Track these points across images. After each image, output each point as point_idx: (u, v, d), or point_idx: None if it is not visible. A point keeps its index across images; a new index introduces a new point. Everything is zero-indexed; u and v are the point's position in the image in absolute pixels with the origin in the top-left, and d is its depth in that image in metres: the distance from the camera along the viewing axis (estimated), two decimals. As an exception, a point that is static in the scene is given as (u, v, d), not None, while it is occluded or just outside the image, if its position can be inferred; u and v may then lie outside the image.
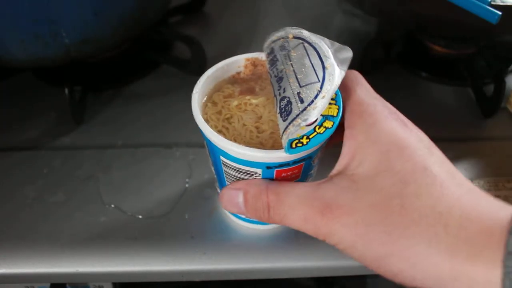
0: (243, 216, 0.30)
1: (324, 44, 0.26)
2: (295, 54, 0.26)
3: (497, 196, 0.34)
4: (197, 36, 0.45)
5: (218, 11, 0.56)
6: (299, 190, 0.23)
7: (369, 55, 0.45)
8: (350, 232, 0.22)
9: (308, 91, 0.24)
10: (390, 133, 0.23)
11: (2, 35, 0.33)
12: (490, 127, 0.41)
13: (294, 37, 0.27)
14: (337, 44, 0.26)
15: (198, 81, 0.27)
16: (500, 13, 0.30)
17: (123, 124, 0.40)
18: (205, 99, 0.28)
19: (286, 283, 0.39)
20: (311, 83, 0.25)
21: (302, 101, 0.24)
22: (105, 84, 0.44)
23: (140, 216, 0.33)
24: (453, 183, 0.21)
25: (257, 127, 0.27)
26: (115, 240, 0.32)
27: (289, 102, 0.24)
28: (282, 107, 0.25)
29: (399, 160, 0.22)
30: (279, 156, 0.24)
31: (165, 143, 0.38)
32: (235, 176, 0.27)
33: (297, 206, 0.23)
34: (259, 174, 0.26)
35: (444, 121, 0.41)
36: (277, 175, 0.26)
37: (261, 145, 0.26)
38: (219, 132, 0.26)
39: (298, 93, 0.25)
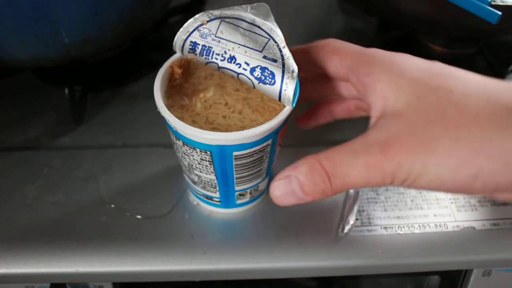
0: (216, 201, 0.31)
1: (240, 11, 0.27)
2: (224, 33, 0.27)
3: (497, 196, 0.34)
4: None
5: (218, 11, 0.56)
6: (350, 146, 0.23)
7: (369, 55, 0.45)
8: (418, 155, 0.21)
9: (270, 50, 0.26)
10: (410, 63, 0.24)
11: (2, 35, 0.33)
12: (490, 127, 0.41)
13: (209, 20, 0.27)
14: (249, 6, 0.27)
15: (156, 99, 0.27)
16: (500, 13, 0.30)
17: (123, 124, 0.40)
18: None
19: (286, 283, 0.39)
20: (265, 43, 0.26)
21: (274, 60, 0.26)
22: (105, 84, 0.44)
23: (140, 216, 0.33)
24: (490, 79, 0.22)
25: (233, 111, 0.27)
26: (115, 240, 0.32)
27: (263, 68, 0.26)
28: (258, 76, 0.26)
29: (432, 79, 0.22)
30: (276, 122, 0.25)
31: (165, 143, 0.38)
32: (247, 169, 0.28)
33: (355, 160, 0.22)
34: (268, 152, 0.27)
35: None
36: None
37: (254, 122, 0.27)
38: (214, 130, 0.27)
39: (264, 57, 0.26)
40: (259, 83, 0.26)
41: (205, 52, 0.27)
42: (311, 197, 0.24)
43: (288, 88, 0.25)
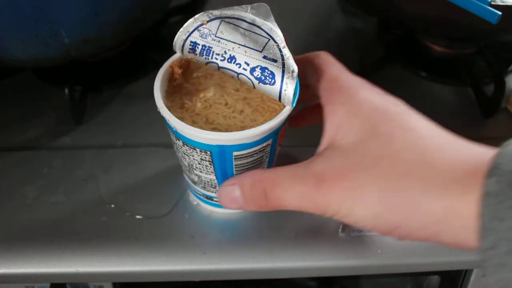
0: (216, 201, 0.31)
1: (240, 11, 0.27)
2: (224, 33, 0.27)
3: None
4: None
5: (218, 11, 0.56)
6: (292, 171, 0.24)
7: (369, 55, 0.45)
8: (346, 198, 0.22)
9: (270, 50, 0.26)
10: (369, 102, 0.24)
11: (2, 35, 0.33)
12: (490, 127, 0.41)
13: (209, 20, 0.27)
14: (249, 6, 0.27)
15: (156, 100, 0.27)
16: (500, 13, 0.30)
17: (123, 124, 0.40)
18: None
19: (286, 283, 0.39)
20: (265, 43, 0.26)
21: (274, 60, 0.26)
22: (105, 84, 0.44)
23: (140, 216, 0.33)
24: (436, 135, 0.23)
25: (233, 111, 0.27)
26: (115, 240, 0.32)
27: (263, 68, 0.26)
28: (258, 76, 0.26)
29: (382, 123, 0.23)
30: (271, 125, 0.25)
31: (165, 143, 0.38)
32: (245, 166, 0.28)
33: (292, 186, 0.24)
34: (267, 153, 0.27)
35: (444, 121, 0.41)
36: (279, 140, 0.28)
37: (254, 122, 0.27)
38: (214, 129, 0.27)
39: (264, 57, 0.26)
40: (259, 83, 0.26)
41: (205, 52, 0.27)
42: (249, 208, 0.26)
43: (288, 88, 0.25)
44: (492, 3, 0.31)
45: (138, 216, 0.33)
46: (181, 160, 0.29)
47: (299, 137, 0.36)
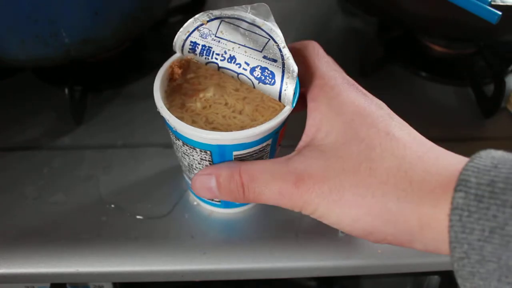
0: (216, 201, 0.31)
1: (240, 11, 0.27)
2: (224, 33, 0.27)
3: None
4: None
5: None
6: (271, 166, 0.24)
7: (369, 55, 0.45)
8: (324, 200, 0.23)
9: (270, 50, 0.26)
10: (352, 103, 0.24)
11: (2, 35, 0.33)
12: (490, 127, 0.41)
13: (209, 20, 0.27)
14: (249, 6, 0.27)
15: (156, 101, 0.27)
16: (500, 13, 0.30)
17: (123, 124, 0.40)
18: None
19: (286, 283, 0.39)
20: (265, 43, 0.26)
21: (274, 60, 0.26)
22: (105, 84, 0.44)
23: (140, 216, 0.33)
24: (414, 143, 0.23)
25: (233, 111, 0.27)
26: (115, 240, 0.32)
27: (263, 68, 0.26)
28: (258, 76, 0.26)
29: (363, 127, 0.23)
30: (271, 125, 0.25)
31: (165, 143, 0.38)
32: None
33: (271, 182, 0.24)
34: (267, 152, 0.27)
35: (444, 121, 0.41)
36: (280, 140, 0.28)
37: (254, 122, 0.27)
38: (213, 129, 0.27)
39: (264, 57, 0.26)
40: (259, 83, 0.26)
41: (205, 52, 0.27)
42: (224, 198, 0.26)
43: (288, 88, 0.25)
44: (492, 3, 0.31)
45: (138, 216, 0.33)
46: (181, 160, 0.29)
47: (299, 137, 0.36)
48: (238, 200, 0.25)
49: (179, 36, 0.27)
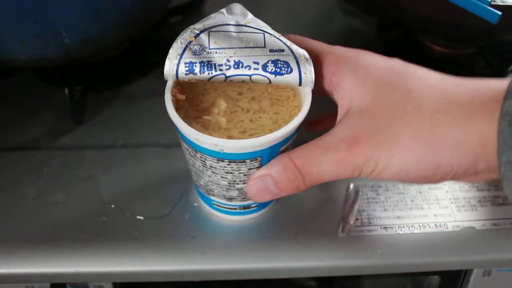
0: (234, 209, 0.31)
1: (219, 17, 0.27)
2: (218, 42, 0.26)
3: (497, 196, 0.34)
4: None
5: (218, 11, 0.56)
6: (318, 143, 0.24)
7: (369, 55, 0.45)
8: (383, 151, 0.23)
9: (272, 43, 0.26)
10: (373, 62, 0.25)
11: (2, 35, 0.33)
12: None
13: (196, 36, 0.26)
14: (224, 9, 0.27)
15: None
16: (500, 13, 0.30)
17: (123, 124, 0.40)
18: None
19: (286, 283, 0.39)
20: (263, 38, 0.26)
21: (282, 50, 0.26)
22: (105, 84, 0.44)
23: (140, 216, 0.33)
24: (447, 78, 0.24)
25: (254, 112, 0.27)
26: (115, 240, 0.32)
27: (275, 61, 0.26)
28: (272, 71, 0.26)
29: (394, 79, 0.24)
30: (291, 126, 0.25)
31: (165, 143, 0.38)
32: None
33: (325, 156, 0.24)
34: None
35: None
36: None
37: (278, 114, 0.27)
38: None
39: (270, 50, 0.26)
40: (275, 76, 0.25)
41: (205, 68, 0.25)
42: (286, 193, 0.26)
43: (307, 70, 0.25)
44: (492, 3, 0.31)
45: (138, 216, 0.33)
46: (218, 182, 0.28)
47: (299, 137, 0.36)
48: (300, 188, 0.25)
49: (170, 63, 0.25)
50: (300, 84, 0.26)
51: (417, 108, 0.23)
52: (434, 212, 0.33)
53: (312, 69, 0.25)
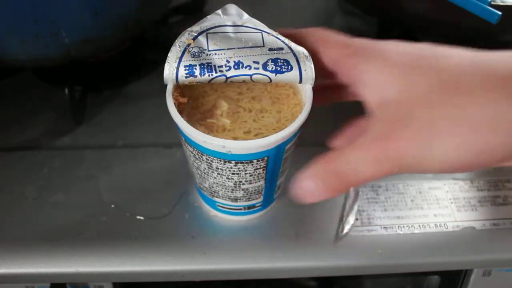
0: (238, 210, 0.31)
1: (215, 19, 0.27)
2: (217, 43, 0.26)
3: (497, 196, 0.34)
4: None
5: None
6: (355, 144, 0.23)
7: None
8: (421, 141, 0.21)
9: (270, 41, 0.26)
10: (393, 50, 0.24)
11: (2, 35, 0.33)
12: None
13: (194, 38, 0.26)
14: (219, 10, 0.27)
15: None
16: (500, 13, 0.30)
17: (123, 124, 0.40)
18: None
19: (286, 283, 0.39)
20: (261, 37, 0.26)
21: (281, 48, 0.26)
22: (105, 84, 0.44)
23: (140, 216, 0.33)
24: (479, 54, 0.22)
25: (256, 112, 0.27)
26: (115, 240, 0.32)
27: (275, 60, 0.25)
28: (273, 69, 0.25)
29: (419, 60, 0.23)
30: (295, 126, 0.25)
31: (165, 143, 0.38)
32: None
33: (363, 156, 0.22)
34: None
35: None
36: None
37: (280, 113, 0.27)
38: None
39: (270, 49, 0.26)
40: (276, 75, 0.25)
41: (206, 69, 0.25)
42: (328, 196, 0.24)
43: (307, 67, 0.25)
44: (492, 3, 0.31)
45: (138, 216, 0.33)
46: (224, 184, 0.28)
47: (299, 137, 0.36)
48: (341, 191, 0.24)
49: (169, 66, 0.25)
50: (300, 81, 0.26)
51: (450, 90, 0.21)
52: (434, 212, 0.33)
53: (312, 65, 0.25)
